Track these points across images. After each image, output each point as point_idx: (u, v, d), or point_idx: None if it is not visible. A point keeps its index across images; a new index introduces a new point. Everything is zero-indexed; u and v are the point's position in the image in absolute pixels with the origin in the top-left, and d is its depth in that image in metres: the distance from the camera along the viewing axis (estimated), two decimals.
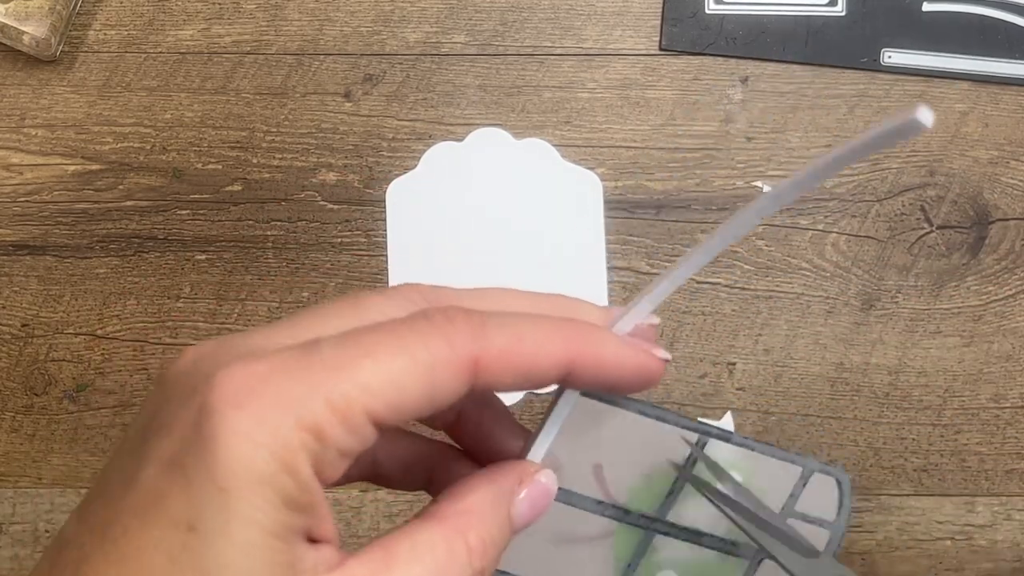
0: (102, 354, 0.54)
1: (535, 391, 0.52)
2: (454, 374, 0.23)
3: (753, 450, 0.30)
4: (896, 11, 0.55)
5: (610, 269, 0.54)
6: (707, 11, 0.55)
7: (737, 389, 0.53)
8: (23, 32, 0.53)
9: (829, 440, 0.53)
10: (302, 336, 0.24)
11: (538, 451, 0.28)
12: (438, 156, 0.54)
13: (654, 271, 0.54)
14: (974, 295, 0.54)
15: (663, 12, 0.55)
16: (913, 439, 0.53)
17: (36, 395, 0.54)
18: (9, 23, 0.53)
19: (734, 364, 0.53)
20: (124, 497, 0.23)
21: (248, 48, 0.55)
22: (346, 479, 0.29)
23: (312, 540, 0.24)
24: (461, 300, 0.25)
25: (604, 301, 0.53)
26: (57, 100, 0.55)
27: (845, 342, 0.53)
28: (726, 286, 0.54)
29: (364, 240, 0.54)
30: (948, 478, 0.53)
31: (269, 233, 0.54)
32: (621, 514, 0.30)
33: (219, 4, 0.55)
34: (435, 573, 0.24)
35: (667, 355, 0.27)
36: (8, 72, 0.55)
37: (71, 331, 0.54)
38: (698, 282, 0.54)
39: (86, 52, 0.55)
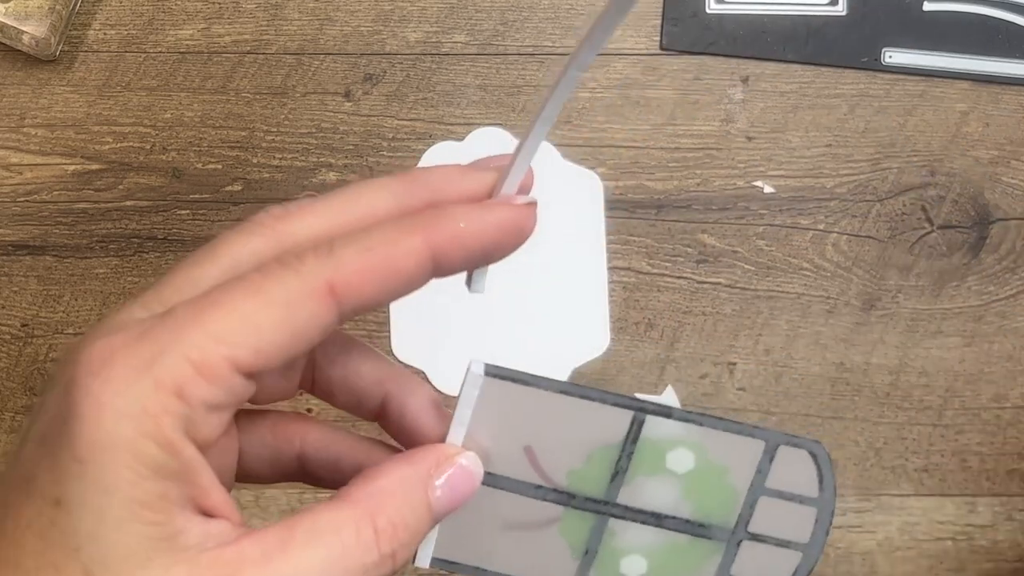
0: None
1: None
2: (312, 304, 0.23)
3: (701, 425, 0.28)
4: (897, 11, 0.55)
5: (610, 269, 0.54)
6: (707, 11, 0.55)
7: (738, 389, 0.53)
8: (23, 32, 0.53)
9: (830, 440, 0.53)
10: (171, 298, 0.24)
11: (456, 434, 0.27)
12: (438, 156, 0.54)
13: (655, 271, 0.54)
14: (975, 295, 0.54)
15: (663, 12, 0.55)
16: (914, 439, 0.53)
17: (36, 395, 0.53)
18: (9, 23, 0.53)
19: (735, 364, 0.53)
20: (5, 475, 0.23)
21: (248, 48, 0.55)
22: (272, 478, 0.28)
23: (205, 514, 0.23)
24: (316, 217, 0.25)
25: (604, 301, 0.53)
26: (57, 100, 0.55)
27: (846, 342, 0.53)
28: (727, 286, 0.54)
29: None
30: (949, 478, 0.53)
31: None
32: (565, 498, 0.29)
33: (219, 4, 0.55)
34: (338, 555, 0.23)
35: (531, 198, 0.26)
36: (8, 72, 0.55)
37: (71, 331, 0.54)
38: (698, 282, 0.54)
39: (86, 52, 0.55)
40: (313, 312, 0.23)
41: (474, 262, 0.25)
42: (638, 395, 0.28)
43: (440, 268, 0.24)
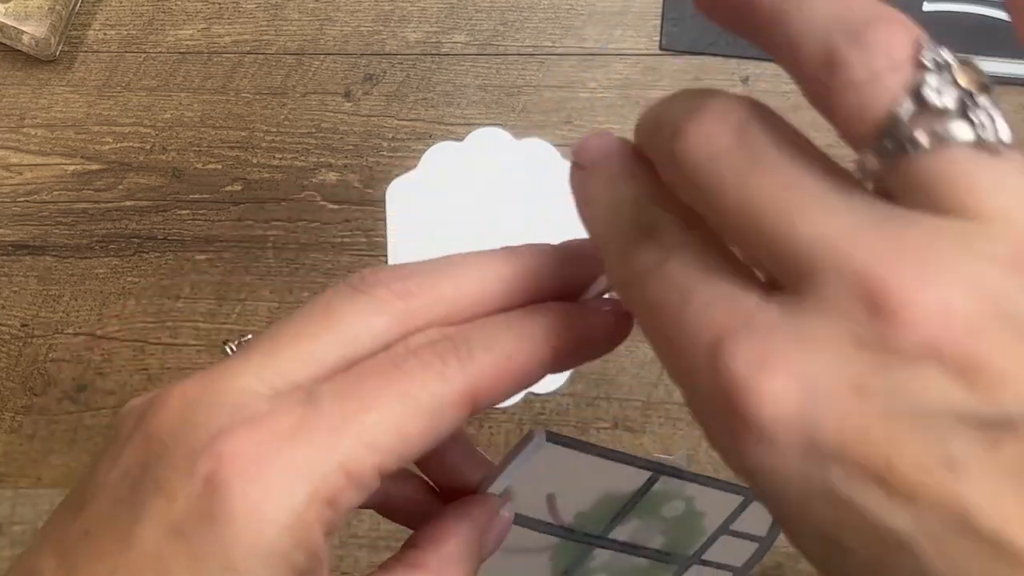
0: (102, 354, 0.53)
1: (534, 392, 0.52)
2: (454, 411, 0.24)
3: (703, 485, 0.32)
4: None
5: None
6: None
7: None
8: (23, 32, 0.53)
9: None
10: (289, 372, 0.24)
11: (499, 486, 0.29)
12: (438, 156, 0.54)
13: None
14: None
15: (663, 12, 0.55)
16: None
17: (36, 395, 0.53)
18: (9, 23, 0.53)
19: None
20: (119, 554, 0.22)
21: (248, 48, 0.55)
22: None
23: None
24: (436, 300, 0.25)
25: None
26: (57, 100, 0.55)
27: None
28: None
29: (364, 240, 0.54)
30: None
31: (269, 233, 0.54)
32: (567, 533, 0.32)
33: (219, 4, 0.55)
34: None
35: None
36: (8, 72, 0.55)
37: (71, 331, 0.54)
38: None
39: (86, 52, 0.55)
40: (453, 418, 0.24)
41: (581, 362, 0.27)
42: (658, 455, 0.31)
43: (556, 369, 0.26)
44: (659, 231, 0.21)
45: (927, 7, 0.55)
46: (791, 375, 0.18)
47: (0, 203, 0.54)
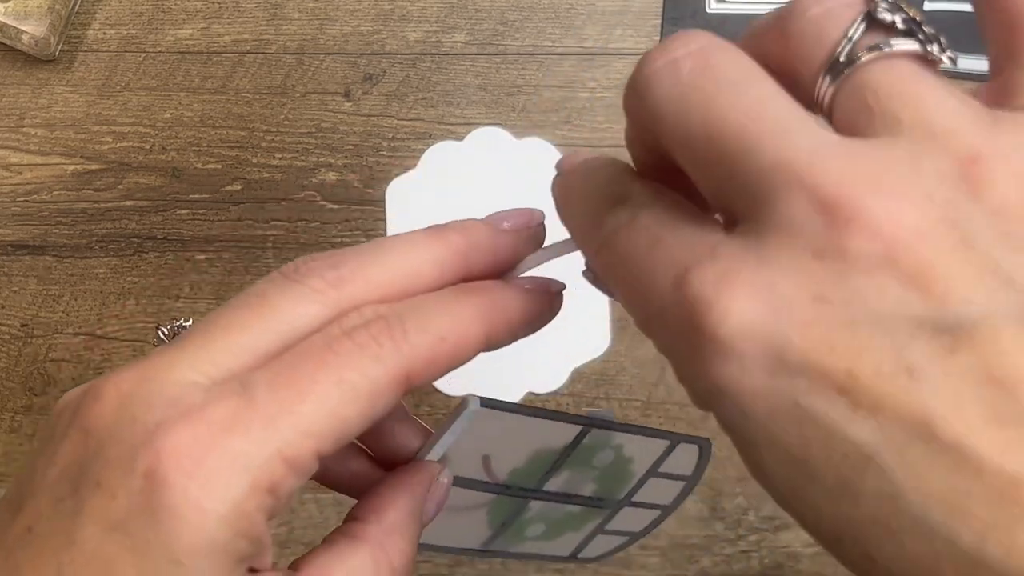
0: (102, 354, 0.53)
1: (535, 392, 0.52)
2: (390, 392, 0.24)
3: (631, 433, 0.33)
4: None
5: None
6: (708, 11, 0.55)
7: None
8: (22, 31, 0.53)
9: None
10: (223, 362, 0.24)
11: (436, 453, 0.29)
12: (438, 156, 0.54)
13: None
14: None
15: (663, 12, 0.55)
16: None
17: (35, 395, 0.53)
18: (8, 22, 0.53)
19: None
20: (63, 552, 0.22)
21: (248, 47, 0.55)
22: None
23: (252, 570, 0.24)
24: (368, 286, 0.25)
25: (605, 301, 0.53)
26: (56, 99, 0.55)
27: None
28: None
29: (364, 240, 0.54)
30: None
31: (269, 233, 0.54)
32: (502, 489, 0.33)
33: (218, 3, 0.55)
34: None
35: (562, 283, 0.28)
36: (7, 71, 0.55)
37: (70, 331, 0.54)
38: None
39: (85, 51, 0.55)
40: (390, 398, 0.24)
41: (512, 341, 0.27)
42: (587, 409, 0.32)
43: (487, 348, 0.26)
44: (630, 197, 0.22)
45: (928, 6, 0.55)
46: (752, 288, 0.18)
47: (0, 203, 0.54)
